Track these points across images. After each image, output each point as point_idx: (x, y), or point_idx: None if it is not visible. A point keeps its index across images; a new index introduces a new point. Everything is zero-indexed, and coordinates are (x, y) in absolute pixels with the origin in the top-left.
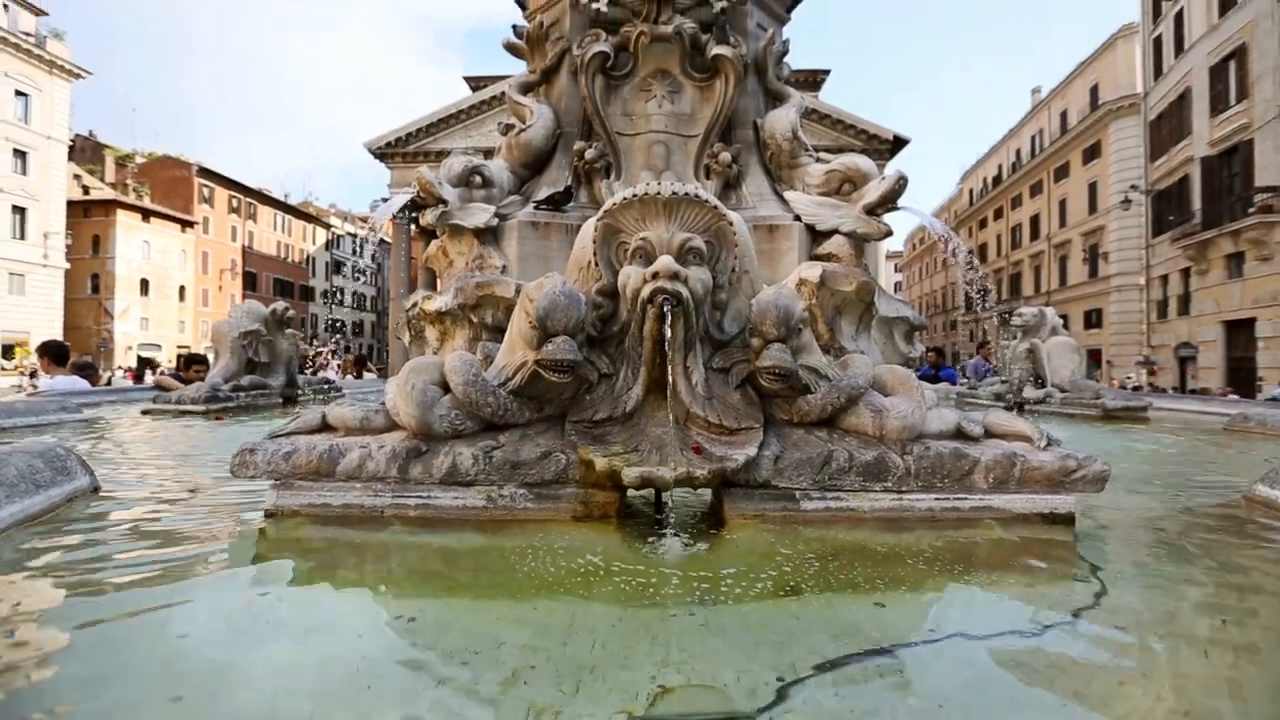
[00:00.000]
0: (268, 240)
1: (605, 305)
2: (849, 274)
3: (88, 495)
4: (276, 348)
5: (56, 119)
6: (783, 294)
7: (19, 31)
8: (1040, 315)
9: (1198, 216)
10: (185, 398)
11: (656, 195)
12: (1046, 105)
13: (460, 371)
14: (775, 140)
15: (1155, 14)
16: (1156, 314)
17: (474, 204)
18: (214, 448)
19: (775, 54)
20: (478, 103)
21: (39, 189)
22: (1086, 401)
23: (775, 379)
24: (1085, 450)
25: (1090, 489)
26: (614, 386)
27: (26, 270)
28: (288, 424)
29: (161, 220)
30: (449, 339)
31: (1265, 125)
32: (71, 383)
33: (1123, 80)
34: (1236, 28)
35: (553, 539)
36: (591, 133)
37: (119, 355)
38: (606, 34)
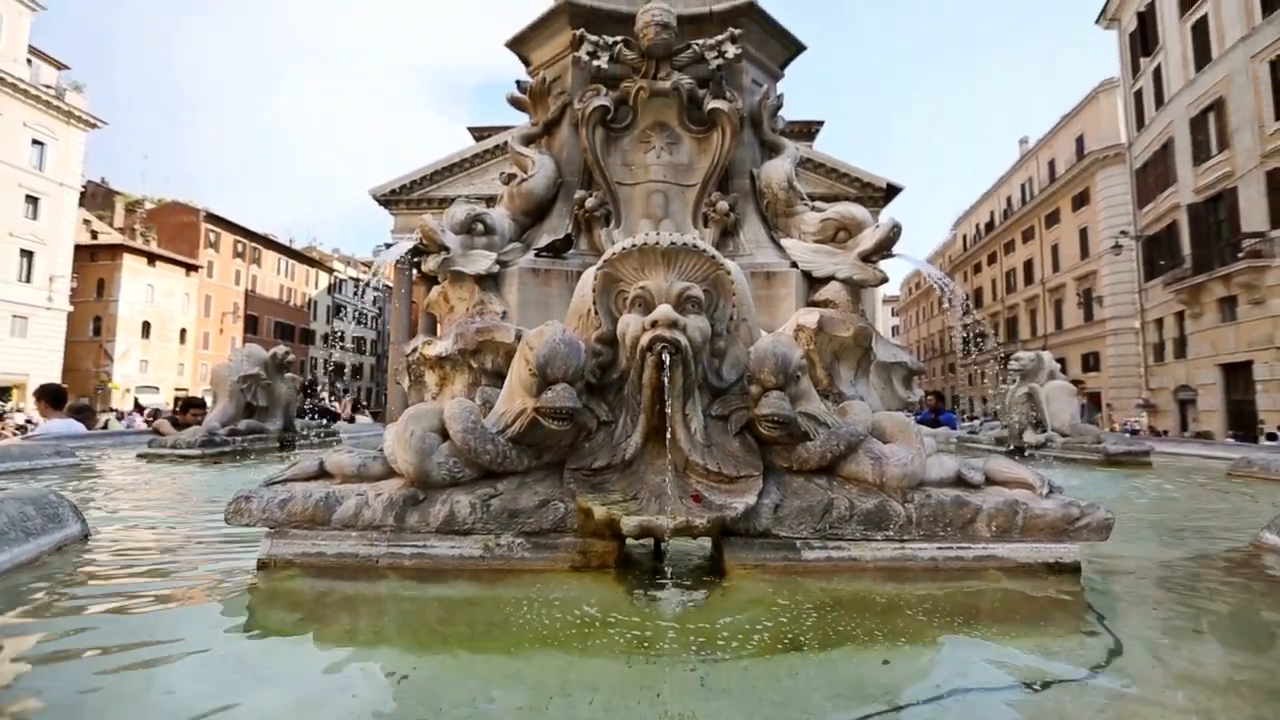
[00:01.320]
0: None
1: (605, 353)
2: (846, 320)
3: (78, 543)
4: (275, 392)
5: (70, 166)
6: (780, 342)
7: (41, 84)
8: (1037, 359)
9: (1188, 261)
10: (181, 442)
11: (655, 245)
12: (1034, 155)
13: (459, 418)
14: (771, 189)
15: (1134, 69)
16: (1153, 357)
17: (476, 251)
18: (208, 494)
19: (770, 108)
20: (481, 152)
21: (48, 233)
22: (1088, 446)
23: (774, 427)
24: (1088, 497)
25: (1094, 537)
26: (613, 434)
27: (30, 313)
28: (284, 470)
29: (166, 264)
30: (448, 384)
31: (1247, 174)
32: (67, 425)
33: (1107, 131)
34: (1213, 82)
35: (550, 590)
36: (592, 182)
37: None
38: (607, 89)
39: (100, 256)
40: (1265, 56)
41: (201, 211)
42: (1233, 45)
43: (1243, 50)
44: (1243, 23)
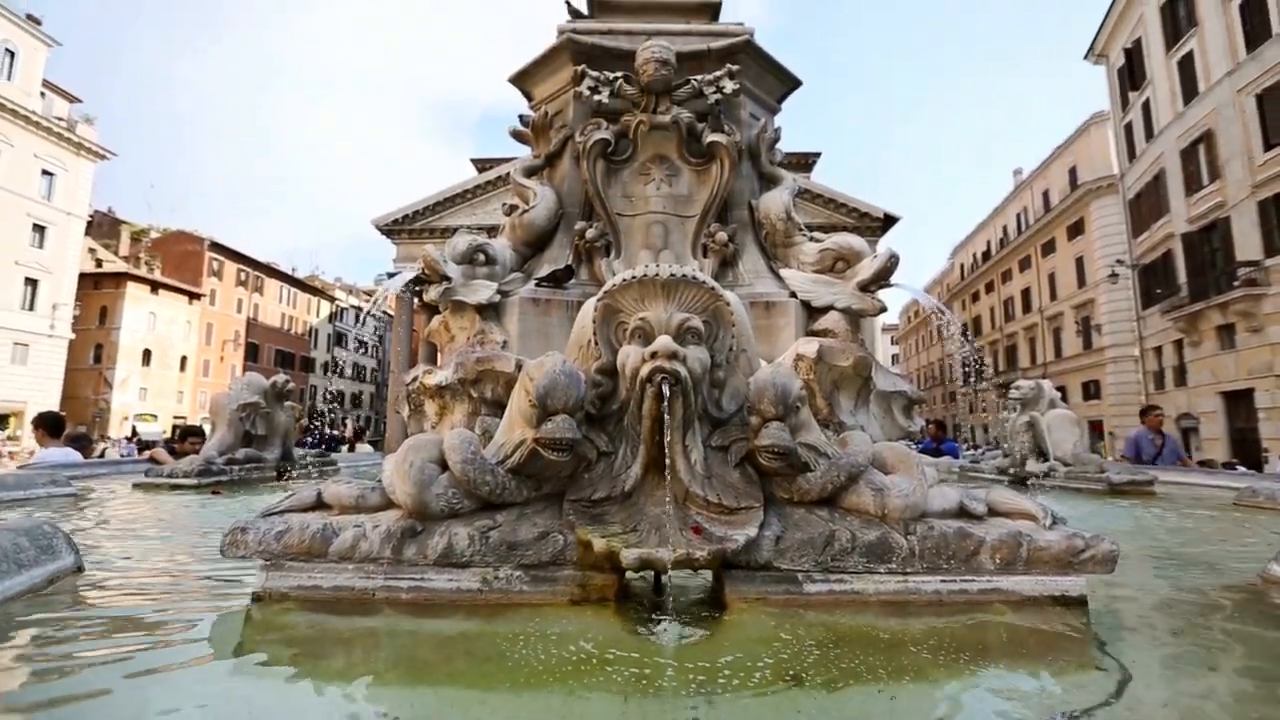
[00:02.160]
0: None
1: (604, 384)
2: (846, 349)
3: (71, 575)
4: (274, 420)
5: (78, 196)
6: (780, 372)
7: (53, 116)
8: (1037, 388)
9: (1184, 290)
10: (178, 471)
11: (655, 277)
12: (1029, 185)
13: (459, 449)
14: (770, 220)
15: (1124, 102)
16: (1154, 385)
17: (477, 281)
18: (203, 524)
19: (768, 140)
20: (483, 183)
21: (53, 262)
22: (1091, 476)
23: (774, 458)
24: (1092, 528)
25: (1100, 570)
26: (613, 465)
27: (32, 340)
28: (282, 501)
29: (170, 292)
30: (448, 414)
31: (1239, 204)
32: (64, 454)
33: (1099, 162)
34: (1201, 115)
35: (548, 624)
36: (592, 213)
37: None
38: (608, 122)
39: (104, 284)
40: (1251, 90)
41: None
42: (1219, 80)
43: (1229, 84)
44: (1228, 58)
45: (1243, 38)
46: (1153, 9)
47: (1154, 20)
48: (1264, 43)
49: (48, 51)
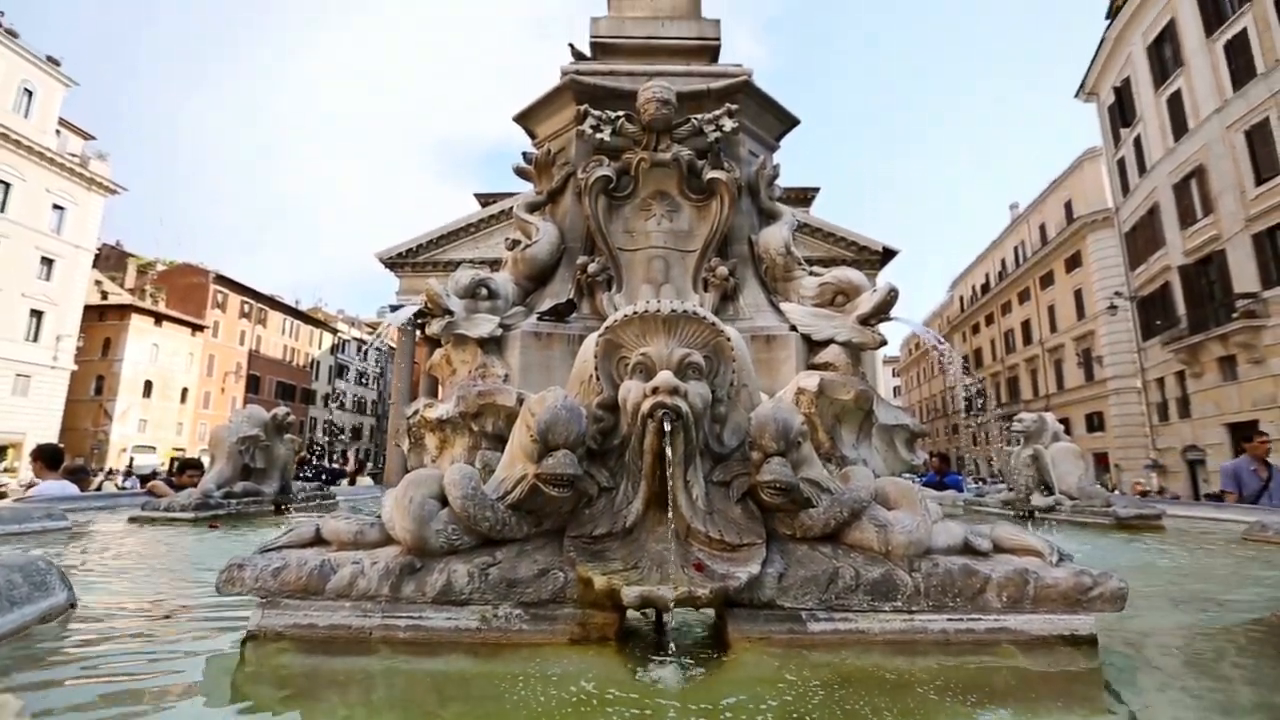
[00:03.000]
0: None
1: (606, 419)
2: (847, 383)
3: (64, 612)
4: (274, 453)
5: (87, 230)
6: (781, 407)
7: (66, 153)
8: (1040, 421)
9: (1184, 322)
10: (175, 505)
11: (656, 312)
12: (1025, 219)
13: (459, 485)
14: (770, 255)
15: (1116, 139)
16: (1158, 417)
17: (479, 314)
18: (199, 560)
19: (767, 177)
20: (486, 217)
21: (59, 294)
22: (1098, 510)
23: (776, 493)
24: (1100, 564)
25: (1108, 608)
26: (614, 501)
27: (34, 372)
28: (280, 537)
29: (173, 324)
30: (448, 447)
31: (1233, 237)
32: (61, 487)
33: (1094, 196)
34: (1192, 151)
35: (548, 664)
36: (594, 248)
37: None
38: (609, 159)
39: (109, 316)
40: (1239, 127)
41: (211, 273)
42: (1208, 117)
43: (1217, 121)
44: (1215, 96)
45: (1228, 76)
46: (1140, 49)
47: (1141, 60)
48: (1249, 81)
49: (65, 91)
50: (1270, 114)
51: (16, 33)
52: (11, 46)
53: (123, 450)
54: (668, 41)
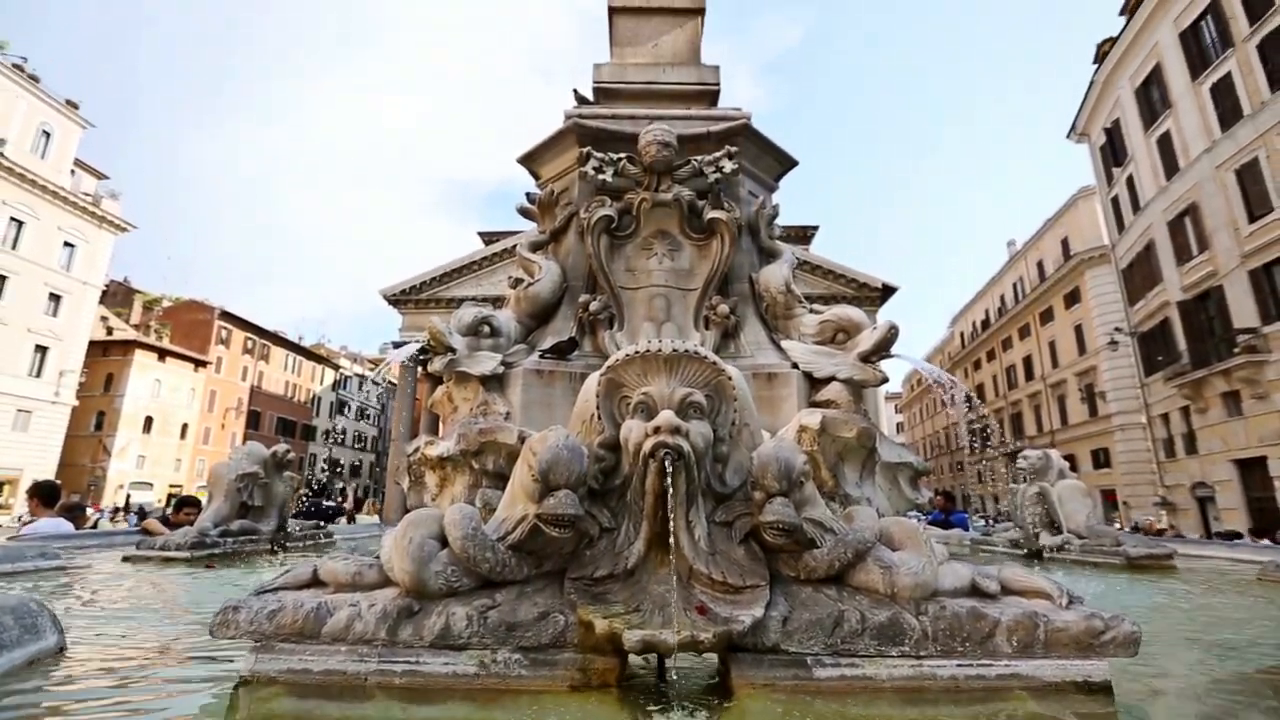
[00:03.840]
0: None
1: (607, 458)
2: (849, 420)
3: (53, 656)
4: (272, 491)
5: (96, 266)
6: (782, 447)
7: (80, 192)
8: (1045, 458)
9: (1185, 357)
10: (170, 543)
11: (658, 352)
12: (1023, 256)
13: (459, 525)
14: (770, 293)
15: (1109, 177)
16: (1164, 453)
17: (481, 352)
18: (193, 601)
19: (766, 216)
20: (489, 255)
21: (65, 330)
22: (1107, 549)
23: (779, 534)
24: (1111, 607)
25: (1121, 653)
26: (615, 541)
27: (35, 407)
28: (276, 578)
29: (176, 359)
30: (448, 485)
31: (1230, 273)
32: (56, 525)
33: (1090, 233)
34: (1184, 189)
35: (546, 713)
36: (596, 286)
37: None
38: (611, 200)
39: (112, 352)
40: (1229, 166)
41: (216, 309)
42: (1197, 157)
43: (1208, 160)
44: (1204, 136)
45: (1216, 118)
46: (1128, 92)
47: (1130, 103)
48: (1236, 122)
49: (81, 132)
50: (1259, 154)
51: (38, 77)
52: (33, 91)
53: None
54: (668, 87)
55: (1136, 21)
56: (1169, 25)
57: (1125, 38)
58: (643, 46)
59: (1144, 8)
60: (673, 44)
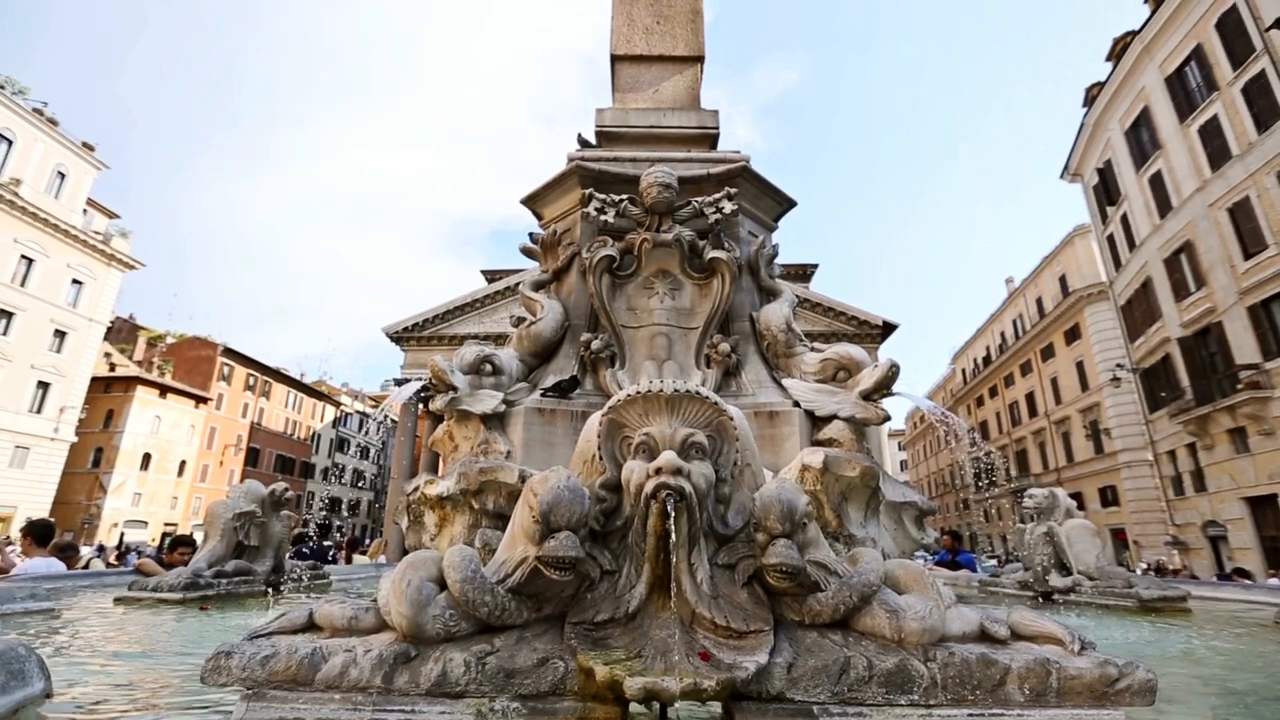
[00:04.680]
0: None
1: (609, 499)
2: (852, 459)
3: (38, 702)
4: (269, 531)
5: (103, 303)
6: (785, 488)
7: (91, 230)
8: (1052, 497)
9: (1189, 393)
10: (163, 584)
11: (659, 392)
12: (1021, 293)
13: (459, 567)
14: (771, 332)
15: (1103, 216)
16: (1173, 490)
17: (483, 390)
18: (186, 644)
19: (766, 256)
20: (492, 293)
21: (68, 367)
22: (1119, 591)
23: (783, 577)
24: (1125, 652)
25: (1138, 701)
26: (616, 584)
27: (33, 443)
28: (270, 622)
29: (177, 396)
30: (448, 525)
31: (1229, 309)
32: (48, 565)
33: (1087, 270)
34: (1178, 228)
35: None
36: (598, 325)
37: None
38: (613, 240)
39: (114, 388)
40: (1221, 205)
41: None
42: (1189, 196)
43: (1200, 199)
44: (1195, 176)
45: (1206, 158)
46: (1118, 134)
47: (1120, 144)
48: (1226, 162)
49: (96, 173)
50: (1250, 193)
51: (57, 121)
52: (51, 134)
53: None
54: (669, 130)
55: (1122, 68)
56: (1154, 70)
57: (1113, 82)
58: (644, 92)
59: (1129, 54)
60: (673, 90)
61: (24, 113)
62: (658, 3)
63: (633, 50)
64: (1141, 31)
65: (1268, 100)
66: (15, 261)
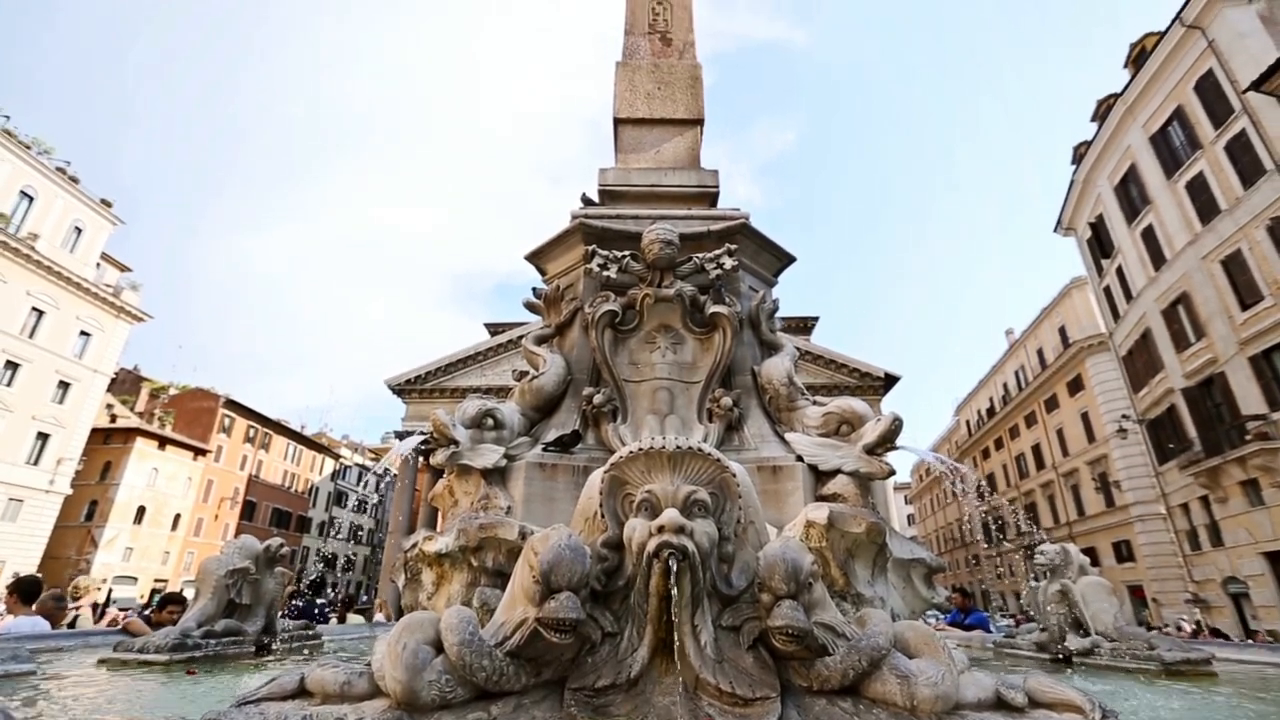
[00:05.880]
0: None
1: (610, 558)
2: (857, 514)
3: None
4: (262, 588)
5: (108, 355)
6: (789, 547)
7: (102, 284)
8: (1064, 553)
9: (1197, 444)
10: (150, 645)
11: (662, 449)
12: (1022, 344)
13: (456, 630)
14: (773, 386)
15: (1099, 269)
16: (1189, 545)
17: (484, 445)
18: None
19: (767, 310)
20: (495, 346)
21: (69, 418)
22: (1140, 654)
23: (789, 640)
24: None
25: None
26: (618, 647)
27: (27, 496)
28: (260, 688)
29: (176, 448)
30: (445, 583)
31: (1231, 360)
32: (33, 624)
33: (1086, 321)
34: (1174, 280)
35: None
36: (600, 379)
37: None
38: (615, 295)
39: (113, 439)
40: (1215, 257)
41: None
42: (1182, 249)
43: (1193, 252)
44: (1186, 230)
45: (1195, 212)
46: (1108, 190)
47: (1111, 199)
48: (1215, 216)
49: (112, 228)
50: (1241, 245)
51: (78, 179)
52: (72, 191)
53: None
54: (670, 189)
55: (1107, 127)
56: (1138, 130)
57: (1099, 141)
58: (646, 153)
59: (1113, 115)
60: (674, 150)
61: (48, 171)
62: (659, 70)
63: (635, 114)
64: (1124, 94)
65: (1250, 157)
66: (26, 314)
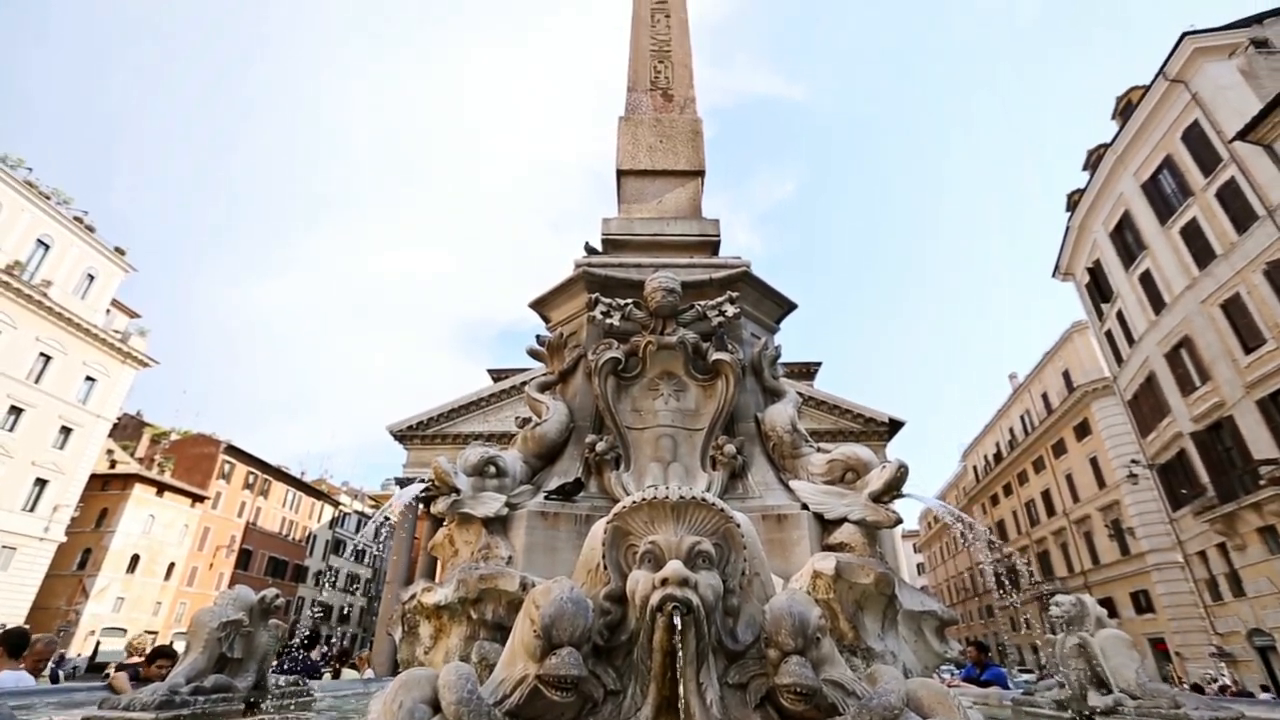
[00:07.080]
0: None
1: (613, 611)
2: (865, 564)
3: None
4: (254, 641)
5: (112, 400)
6: (796, 600)
7: (111, 330)
8: (1080, 604)
9: (1210, 490)
10: (135, 703)
11: (665, 499)
12: (1026, 389)
13: (454, 688)
14: (776, 433)
15: (1099, 313)
16: (1210, 595)
17: (486, 493)
18: None
19: (769, 357)
20: (497, 392)
21: (69, 463)
22: (1165, 713)
23: (798, 699)
24: None
25: None
26: (621, 706)
27: (21, 544)
28: None
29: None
30: (444, 636)
31: (1238, 403)
32: (17, 679)
33: (1089, 365)
34: (1175, 323)
35: None
36: (603, 427)
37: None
38: (618, 342)
39: (111, 485)
40: (1214, 301)
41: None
42: (1181, 293)
43: (1191, 296)
44: (1184, 275)
45: (1190, 257)
46: (1103, 235)
47: (1107, 245)
48: (1210, 261)
49: (124, 276)
50: (1239, 289)
51: (94, 228)
52: (87, 240)
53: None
54: (672, 238)
55: (1099, 176)
56: (1130, 178)
57: (1092, 189)
58: (648, 203)
59: (1104, 164)
60: (675, 201)
61: (66, 220)
62: (660, 124)
63: (637, 165)
64: (1113, 144)
65: (1241, 203)
66: (34, 359)
